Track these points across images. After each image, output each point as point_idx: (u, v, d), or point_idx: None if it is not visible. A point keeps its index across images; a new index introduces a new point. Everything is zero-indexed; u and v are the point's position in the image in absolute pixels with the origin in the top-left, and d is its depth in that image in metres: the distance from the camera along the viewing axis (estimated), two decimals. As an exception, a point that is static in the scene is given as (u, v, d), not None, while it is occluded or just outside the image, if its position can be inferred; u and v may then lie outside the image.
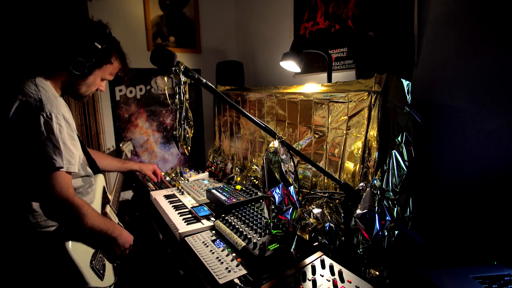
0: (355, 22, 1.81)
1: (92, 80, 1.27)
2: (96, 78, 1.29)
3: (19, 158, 1.09)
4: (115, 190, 1.76)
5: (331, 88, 1.37)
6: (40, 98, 1.08)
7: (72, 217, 1.09)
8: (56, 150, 1.06)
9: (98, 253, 1.22)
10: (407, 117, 1.17)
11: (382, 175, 1.14)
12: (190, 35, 2.82)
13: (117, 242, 1.27)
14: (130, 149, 2.40)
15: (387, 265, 1.07)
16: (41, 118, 1.05)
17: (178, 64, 0.96)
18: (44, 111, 1.06)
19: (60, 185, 1.06)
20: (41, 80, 1.16)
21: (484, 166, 1.27)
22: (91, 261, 1.16)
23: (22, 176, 1.13)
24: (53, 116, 1.07)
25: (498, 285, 1.00)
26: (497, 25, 1.19)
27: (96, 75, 1.27)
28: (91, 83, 1.28)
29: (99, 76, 1.29)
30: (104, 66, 1.27)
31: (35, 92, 1.10)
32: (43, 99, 1.09)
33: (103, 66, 1.26)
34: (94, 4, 2.30)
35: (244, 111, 1.09)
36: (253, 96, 2.03)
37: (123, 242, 1.30)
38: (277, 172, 1.11)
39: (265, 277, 1.06)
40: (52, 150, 1.05)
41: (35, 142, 1.04)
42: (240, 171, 2.16)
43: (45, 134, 1.05)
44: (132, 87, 2.63)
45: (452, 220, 1.39)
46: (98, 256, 1.22)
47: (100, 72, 1.28)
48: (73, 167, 1.13)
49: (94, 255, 1.19)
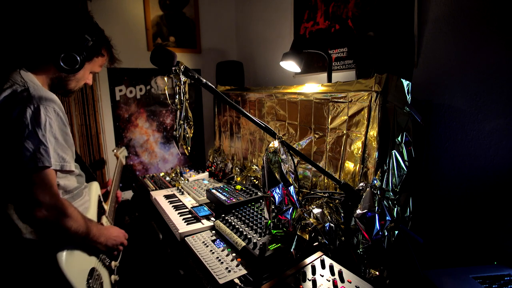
0: (355, 22, 1.81)
1: (82, 74, 1.20)
2: (86, 72, 1.22)
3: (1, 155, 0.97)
4: (111, 200, 1.58)
5: (331, 88, 1.37)
6: (27, 88, 0.99)
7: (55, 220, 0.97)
8: (42, 146, 0.95)
9: (95, 271, 1.11)
10: (407, 117, 1.17)
11: (382, 175, 1.14)
12: (190, 35, 2.82)
13: (105, 246, 1.18)
14: (124, 155, 2.19)
15: (387, 265, 1.07)
16: (28, 109, 0.95)
17: (178, 64, 0.96)
18: (32, 103, 0.96)
19: (43, 184, 0.95)
20: (26, 73, 1.07)
21: (484, 166, 1.27)
22: (88, 280, 1.04)
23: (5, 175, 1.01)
24: (42, 109, 0.97)
25: (498, 285, 1.00)
26: (497, 25, 1.19)
27: (86, 69, 1.20)
28: (81, 77, 1.21)
29: (88, 70, 1.22)
30: (95, 59, 1.21)
31: (21, 83, 1.01)
32: (30, 90, 0.99)
33: (94, 59, 1.20)
34: (94, 4, 2.29)
35: (244, 111, 1.09)
36: (253, 96, 2.03)
37: (112, 245, 1.21)
38: (277, 172, 1.10)
39: (265, 277, 1.06)
40: (37, 146, 0.94)
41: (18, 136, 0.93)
42: (240, 171, 2.16)
43: (30, 128, 0.94)
44: (132, 87, 2.62)
45: (452, 220, 1.39)
46: (96, 274, 1.10)
47: (90, 66, 1.21)
48: (68, 165, 1.04)
49: (91, 273, 1.07)
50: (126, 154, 2.32)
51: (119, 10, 2.46)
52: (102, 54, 1.24)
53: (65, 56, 1.06)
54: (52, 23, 1.09)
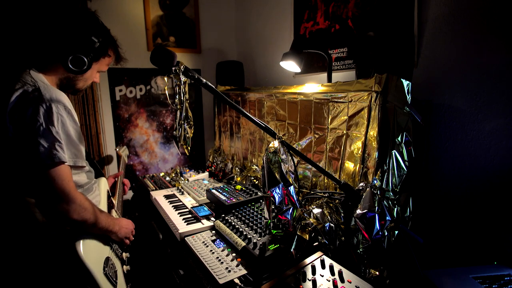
0: (355, 22, 1.81)
1: (90, 74, 1.24)
2: (93, 72, 1.26)
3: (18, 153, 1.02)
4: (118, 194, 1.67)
5: (331, 88, 1.37)
6: (38, 88, 1.03)
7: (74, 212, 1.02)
8: (56, 143, 1.00)
9: (110, 260, 1.17)
10: (407, 117, 1.17)
11: (382, 175, 1.14)
12: (190, 35, 2.82)
13: (118, 236, 1.24)
14: (126, 154, 2.27)
15: (387, 265, 1.07)
16: (40, 109, 0.99)
17: (178, 64, 0.96)
18: (44, 102, 1.00)
19: (61, 179, 1.00)
20: (36, 73, 1.11)
21: (484, 166, 1.27)
22: (104, 268, 1.09)
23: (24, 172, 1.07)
24: (53, 107, 1.01)
25: (498, 285, 1.00)
26: (497, 25, 1.19)
27: (94, 69, 1.24)
28: (89, 77, 1.25)
29: (96, 69, 1.27)
30: (102, 59, 1.24)
31: (31, 83, 1.05)
32: (41, 89, 1.03)
33: (101, 59, 1.23)
34: (94, 4, 2.29)
35: (244, 111, 1.09)
36: (253, 96, 2.03)
37: (124, 234, 1.27)
38: (277, 172, 1.11)
39: (265, 277, 1.06)
40: (52, 143, 0.99)
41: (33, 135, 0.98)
42: (240, 171, 2.16)
43: (44, 126, 0.99)
44: (132, 87, 2.62)
45: (452, 220, 1.39)
46: (110, 263, 1.16)
47: (97, 65, 1.25)
48: (81, 161, 1.08)
49: (106, 262, 1.13)
50: (128, 153, 2.37)
51: (119, 10, 2.46)
52: (108, 55, 1.27)
53: (73, 58, 1.11)
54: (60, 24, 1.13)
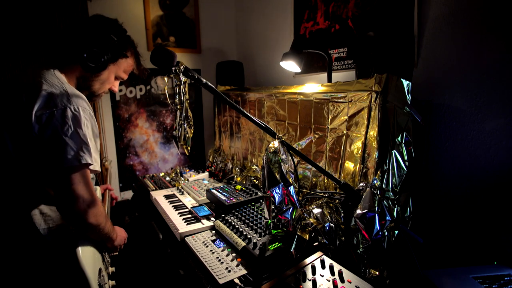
0: (355, 22, 1.81)
1: (106, 76, 1.24)
2: (111, 75, 1.26)
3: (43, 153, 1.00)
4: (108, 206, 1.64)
5: (331, 88, 1.37)
6: (66, 91, 1.04)
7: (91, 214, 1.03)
8: (83, 146, 1.01)
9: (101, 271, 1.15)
10: (407, 117, 1.17)
11: (382, 175, 1.14)
12: (190, 35, 2.82)
13: (114, 243, 1.26)
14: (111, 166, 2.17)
15: (387, 265, 1.07)
16: (68, 111, 1.00)
17: (178, 64, 0.96)
18: (72, 104, 1.01)
19: (85, 182, 1.01)
20: (60, 74, 1.12)
21: (484, 166, 1.27)
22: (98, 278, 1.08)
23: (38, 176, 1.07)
24: (81, 111, 1.02)
25: (498, 285, 1.00)
26: (497, 25, 1.19)
27: (111, 71, 1.24)
28: (105, 79, 1.24)
29: (113, 73, 1.26)
30: (120, 60, 1.24)
31: (59, 84, 1.05)
32: (69, 92, 1.04)
33: (118, 60, 1.24)
34: (94, 4, 2.30)
35: (244, 111, 1.09)
36: (253, 96, 2.03)
37: (119, 242, 1.29)
38: (277, 172, 1.11)
39: (265, 277, 1.06)
40: (80, 146, 1.00)
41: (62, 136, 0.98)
42: (240, 171, 2.15)
43: (72, 128, 0.99)
44: (132, 87, 2.62)
45: (452, 220, 1.39)
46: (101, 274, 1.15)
47: (115, 68, 1.25)
48: (98, 166, 1.09)
49: (100, 272, 1.12)
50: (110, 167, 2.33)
51: (119, 10, 2.46)
52: (126, 56, 1.27)
53: (89, 53, 1.12)
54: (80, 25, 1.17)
